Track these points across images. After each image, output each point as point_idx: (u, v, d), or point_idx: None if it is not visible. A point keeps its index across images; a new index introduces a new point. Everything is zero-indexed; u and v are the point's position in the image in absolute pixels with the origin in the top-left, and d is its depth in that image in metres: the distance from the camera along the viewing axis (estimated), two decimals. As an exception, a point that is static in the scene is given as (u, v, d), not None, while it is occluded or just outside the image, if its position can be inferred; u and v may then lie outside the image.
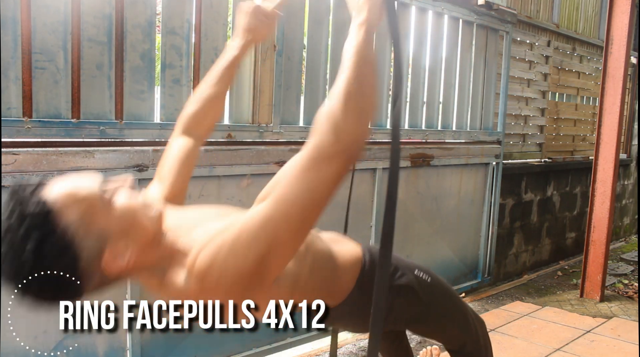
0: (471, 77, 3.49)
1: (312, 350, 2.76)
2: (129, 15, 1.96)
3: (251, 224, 0.93)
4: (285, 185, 0.93)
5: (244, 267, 0.93)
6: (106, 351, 2.00)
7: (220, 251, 0.93)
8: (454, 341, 1.68)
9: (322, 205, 0.95)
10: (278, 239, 0.93)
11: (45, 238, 0.90)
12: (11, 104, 1.74)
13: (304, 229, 0.98)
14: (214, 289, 0.95)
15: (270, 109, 2.42)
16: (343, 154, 0.92)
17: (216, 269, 0.93)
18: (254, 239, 0.92)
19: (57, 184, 0.95)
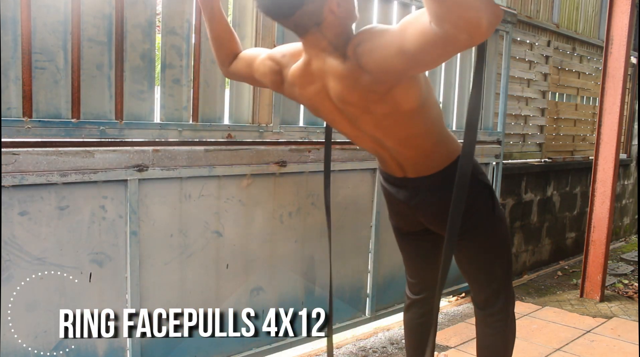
0: (471, 77, 3.48)
1: (312, 350, 2.76)
2: (129, 15, 1.96)
3: (396, 46, 1.20)
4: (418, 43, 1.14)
5: (387, 63, 1.24)
6: (106, 351, 2.00)
7: (374, 48, 1.26)
8: (490, 286, 1.72)
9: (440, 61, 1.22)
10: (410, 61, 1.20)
11: None
12: (11, 104, 1.74)
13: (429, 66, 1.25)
14: (364, 67, 1.29)
15: (270, 109, 2.42)
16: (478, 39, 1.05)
17: (369, 57, 1.26)
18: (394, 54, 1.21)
19: None
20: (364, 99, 1.37)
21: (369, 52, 1.26)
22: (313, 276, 2.66)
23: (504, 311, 1.74)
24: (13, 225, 1.76)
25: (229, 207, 2.29)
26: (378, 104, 1.38)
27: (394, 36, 1.20)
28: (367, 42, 1.27)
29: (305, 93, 1.49)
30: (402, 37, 1.17)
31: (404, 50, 1.17)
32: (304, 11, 1.31)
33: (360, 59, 1.29)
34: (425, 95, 1.42)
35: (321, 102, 1.48)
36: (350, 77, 1.34)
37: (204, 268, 2.24)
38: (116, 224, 1.98)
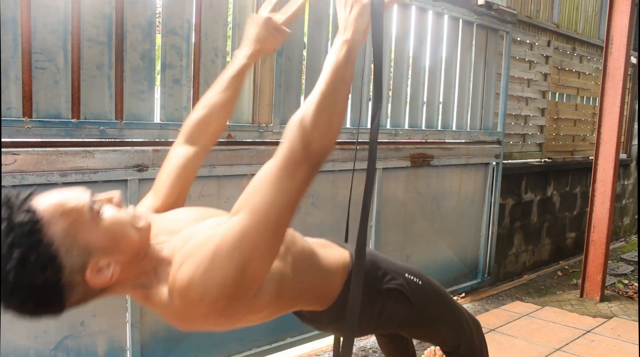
0: (471, 77, 3.49)
1: (312, 350, 2.76)
2: (129, 15, 1.96)
3: (230, 236, 0.95)
4: (259, 193, 0.98)
5: (226, 279, 0.94)
6: (106, 351, 2.00)
7: (199, 266, 0.94)
8: (447, 342, 1.68)
9: (294, 207, 0.99)
10: (257, 246, 0.95)
11: (31, 251, 0.88)
12: (11, 104, 1.74)
13: (280, 232, 1.00)
14: (198, 304, 0.95)
15: (270, 109, 2.42)
16: (311, 161, 0.98)
17: (198, 284, 0.94)
18: (233, 250, 0.94)
19: (47, 194, 0.94)
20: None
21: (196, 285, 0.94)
22: (313, 276, 2.66)
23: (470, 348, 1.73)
24: (13, 225, 1.76)
25: (229, 207, 2.27)
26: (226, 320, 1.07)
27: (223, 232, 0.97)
28: (188, 270, 0.95)
29: None
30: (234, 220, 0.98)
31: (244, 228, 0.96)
32: (73, 302, 0.97)
33: (187, 296, 0.96)
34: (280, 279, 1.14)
35: None
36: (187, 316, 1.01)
37: (204, 268, 2.24)
38: (116, 224, 1.98)
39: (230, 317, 1.04)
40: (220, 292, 0.94)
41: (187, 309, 0.97)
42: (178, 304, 0.97)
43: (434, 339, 1.70)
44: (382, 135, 2.89)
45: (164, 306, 1.01)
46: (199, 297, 0.94)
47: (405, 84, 3.12)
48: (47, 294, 0.92)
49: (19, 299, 0.90)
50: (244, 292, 0.98)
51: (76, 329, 1.92)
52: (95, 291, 0.98)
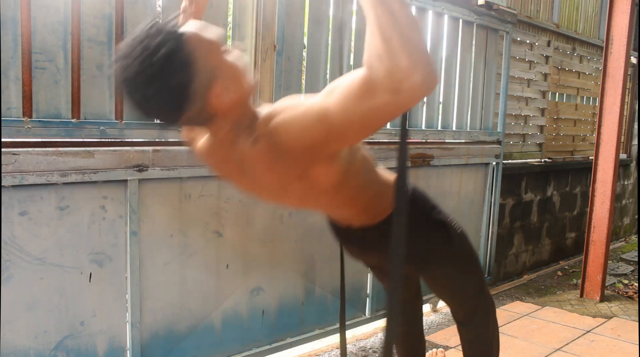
0: (471, 77, 3.49)
1: (312, 350, 2.76)
2: (129, 15, 1.96)
3: (318, 108, 1.04)
4: (342, 98, 0.99)
5: (307, 135, 1.07)
6: (106, 351, 2.00)
7: (291, 119, 1.10)
8: (467, 305, 1.72)
9: (372, 128, 1.03)
10: (337, 129, 1.04)
11: (176, 50, 1.06)
12: (11, 104, 1.74)
13: (354, 137, 1.12)
14: (279, 146, 1.11)
15: (270, 109, 2.42)
16: (393, 91, 0.90)
17: (284, 130, 1.10)
18: (317, 118, 1.04)
19: (191, 21, 1.17)
20: (278, 182, 1.25)
21: (282, 128, 1.10)
22: (313, 276, 2.66)
23: (484, 323, 1.75)
24: (13, 225, 1.76)
25: (229, 207, 2.29)
26: (296, 185, 1.25)
27: (314, 103, 1.05)
28: (280, 117, 1.12)
29: (216, 169, 1.38)
30: (324, 100, 1.03)
31: (326, 115, 1.01)
32: (190, 114, 1.15)
33: (272, 138, 1.12)
34: (349, 161, 1.28)
35: (235, 180, 1.36)
36: (261, 161, 1.18)
37: (204, 268, 2.24)
38: (116, 224, 1.98)
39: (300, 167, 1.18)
40: (299, 140, 1.09)
41: (267, 151, 1.15)
42: (263, 145, 1.15)
43: (457, 295, 1.72)
44: (382, 135, 2.89)
45: (248, 148, 1.18)
46: (280, 139, 1.11)
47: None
48: (177, 94, 1.09)
49: (154, 89, 1.07)
50: (316, 150, 1.13)
51: (76, 329, 1.92)
52: (208, 113, 1.17)
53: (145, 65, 1.05)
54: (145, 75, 1.05)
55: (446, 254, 1.57)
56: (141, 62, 1.05)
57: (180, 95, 1.10)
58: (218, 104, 1.16)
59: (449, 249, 1.57)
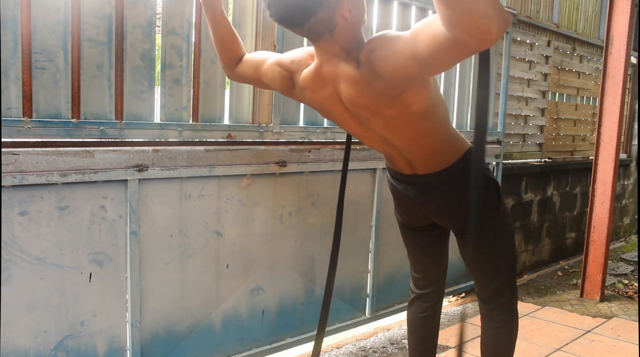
0: (471, 77, 3.49)
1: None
2: (129, 15, 1.96)
3: (407, 52, 1.23)
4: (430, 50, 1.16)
5: (401, 69, 1.28)
6: (106, 351, 2.00)
7: (388, 55, 1.29)
8: (496, 280, 1.75)
9: (452, 63, 1.21)
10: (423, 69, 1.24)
11: None
12: (11, 104, 1.74)
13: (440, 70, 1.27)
14: (378, 72, 1.32)
15: (270, 109, 2.42)
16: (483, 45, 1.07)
17: (383, 63, 1.30)
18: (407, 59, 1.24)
19: None
20: (375, 103, 1.42)
21: (382, 58, 1.30)
22: (313, 276, 2.66)
23: (509, 305, 1.76)
24: (13, 225, 1.76)
25: (229, 207, 2.29)
26: (389, 107, 1.42)
27: (407, 42, 1.23)
28: (380, 49, 1.30)
29: (316, 97, 1.54)
30: (414, 43, 1.20)
31: (416, 55, 1.20)
32: (317, 19, 1.34)
33: (374, 65, 1.32)
34: (434, 96, 1.47)
35: (332, 105, 1.53)
36: (363, 82, 1.37)
37: (204, 268, 2.24)
38: (116, 224, 1.98)
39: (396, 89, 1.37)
40: (395, 71, 1.29)
41: (367, 74, 1.35)
42: (364, 70, 1.35)
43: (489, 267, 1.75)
44: (382, 135, 2.89)
45: (351, 70, 1.39)
46: (380, 67, 1.31)
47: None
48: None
49: None
50: (408, 79, 1.32)
51: (76, 329, 1.92)
52: (331, 24, 1.36)
53: None
54: None
55: (492, 217, 1.66)
56: None
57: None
58: (342, 19, 1.35)
59: (495, 212, 1.67)
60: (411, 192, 1.70)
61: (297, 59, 1.58)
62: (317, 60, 1.47)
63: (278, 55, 1.67)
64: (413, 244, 1.93)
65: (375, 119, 1.48)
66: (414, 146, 1.57)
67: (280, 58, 1.64)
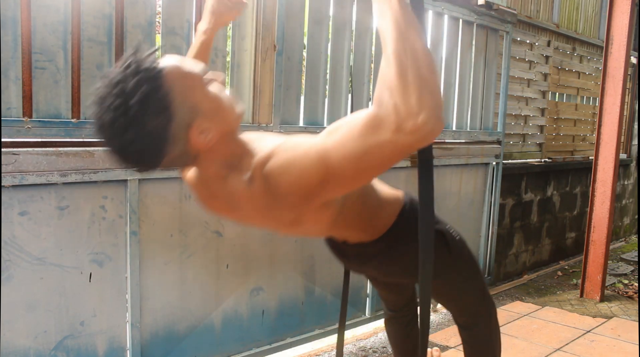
0: (471, 77, 3.49)
1: (312, 350, 2.76)
2: (129, 15, 1.96)
3: (316, 151, 0.99)
4: (344, 136, 0.95)
5: (304, 178, 1.01)
6: (106, 351, 2.00)
7: (286, 159, 1.03)
8: (468, 310, 1.70)
9: (373, 170, 0.97)
10: (338, 174, 0.98)
11: (152, 93, 0.98)
12: (11, 104, 1.74)
13: (355, 181, 1.03)
14: (274, 191, 1.04)
15: (270, 109, 2.42)
16: (407, 138, 0.87)
17: (279, 174, 1.03)
18: (316, 161, 0.98)
19: (169, 56, 1.09)
20: (275, 222, 1.19)
21: (279, 171, 1.03)
22: (313, 276, 2.66)
23: (486, 327, 1.74)
24: (13, 225, 1.76)
25: (229, 207, 2.28)
26: (290, 227, 1.20)
27: (314, 143, 1.00)
28: (277, 159, 1.04)
29: (205, 205, 1.30)
30: (325, 140, 0.98)
31: (326, 155, 0.96)
32: (170, 157, 1.07)
33: (268, 181, 1.04)
34: (345, 198, 1.24)
35: (224, 214, 1.28)
36: (255, 203, 1.10)
37: (204, 268, 2.24)
38: (116, 224, 1.98)
39: (293, 211, 1.11)
40: (295, 189, 1.02)
41: (261, 194, 1.06)
42: (256, 188, 1.06)
43: (458, 302, 1.70)
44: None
45: (240, 189, 1.10)
46: (276, 185, 1.03)
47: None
48: (154, 140, 1.01)
49: (131, 136, 0.99)
50: (314, 196, 1.04)
51: (76, 329, 1.92)
52: (191, 154, 1.09)
53: (120, 112, 0.97)
54: (122, 122, 0.97)
55: (446, 264, 1.52)
56: (116, 108, 0.97)
57: (159, 139, 1.01)
58: (201, 143, 1.06)
59: (448, 259, 1.53)
60: (347, 263, 1.56)
61: None
62: (199, 173, 1.21)
63: None
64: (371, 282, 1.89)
65: (278, 230, 1.26)
66: (335, 232, 1.37)
67: None
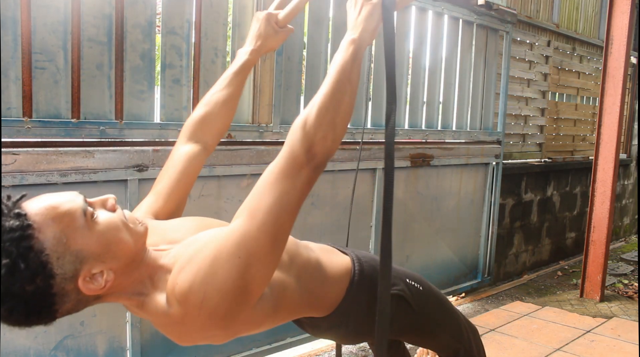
0: (471, 77, 3.49)
1: (312, 350, 2.76)
2: (129, 15, 1.96)
3: (230, 241, 0.93)
4: (258, 196, 0.95)
5: (226, 284, 0.91)
6: (106, 351, 2.00)
7: (199, 270, 0.91)
8: (447, 349, 1.67)
9: (295, 212, 0.97)
10: (257, 251, 0.93)
11: (20, 257, 0.84)
12: (11, 104, 1.74)
13: (280, 237, 0.96)
14: (198, 311, 0.92)
15: (270, 109, 2.42)
16: (313, 164, 0.97)
17: (198, 289, 0.91)
18: (233, 254, 0.91)
19: (39, 198, 0.93)
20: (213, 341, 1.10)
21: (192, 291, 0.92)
22: (313, 276, 2.66)
23: (468, 354, 1.73)
24: (13, 225, 1.76)
25: (229, 207, 2.28)
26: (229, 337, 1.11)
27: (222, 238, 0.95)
28: (186, 275, 0.93)
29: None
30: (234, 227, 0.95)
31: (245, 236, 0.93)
32: (66, 309, 0.93)
33: (185, 304, 0.93)
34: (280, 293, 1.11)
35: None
36: (185, 326, 0.98)
37: (204, 268, 2.24)
38: (116, 224, 1.98)
39: (229, 328, 1.02)
40: (220, 297, 0.91)
41: (185, 317, 0.94)
42: (176, 311, 0.94)
43: (434, 346, 1.67)
44: (382, 135, 2.89)
45: (160, 314, 0.97)
46: (199, 303, 0.91)
47: (405, 83, 3.12)
48: (38, 303, 0.88)
49: (8, 308, 0.86)
50: (245, 299, 0.95)
51: (76, 329, 1.92)
52: (88, 299, 0.94)
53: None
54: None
55: (411, 322, 1.46)
56: None
57: (44, 301, 0.88)
58: (95, 288, 0.92)
59: (412, 318, 1.45)
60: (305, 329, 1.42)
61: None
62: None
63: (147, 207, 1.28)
64: None
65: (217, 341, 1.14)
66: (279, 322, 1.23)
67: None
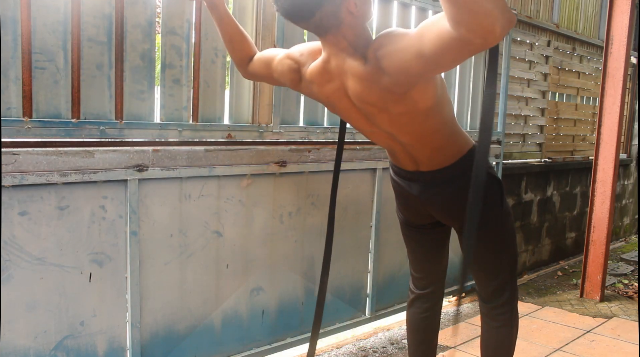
0: (471, 77, 3.49)
1: (312, 350, 2.76)
2: (129, 15, 1.96)
3: (413, 50, 1.27)
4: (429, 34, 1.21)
5: (406, 66, 1.31)
6: (106, 351, 2.00)
7: (394, 53, 1.32)
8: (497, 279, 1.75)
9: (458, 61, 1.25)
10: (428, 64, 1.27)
11: None
12: (11, 104, 1.74)
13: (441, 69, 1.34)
14: (384, 71, 1.35)
15: (270, 109, 2.42)
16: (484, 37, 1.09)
17: (390, 59, 1.33)
18: (413, 57, 1.28)
19: None
20: (382, 99, 1.44)
21: (389, 55, 1.33)
22: (313, 276, 2.66)
23: (509, 304, 1.77)
24: (13, 225, 1.76)
25: (229, 207, 2.29)
26: (395, 104, 1.44)
27: (413, 40, 1.26)
28: (388, 46, 1.34)
29: (323, 91, 1.55)
30: (420, 41, 1.24)
31: (422, 53, 1.23)
32: (323, 13, 1.36)
33: (380, 62, 1.35)
34: (441, 94, 1.50)
35: (339, 100, 1.54)
36: (370, 79, 1.40)
37: (204, 268, 2.24)
38: (116, 224, 1.98)
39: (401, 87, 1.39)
40: (399, 69, 1.33)
41: (373, 72, 1.38)
42: (370, 66, 1.38)
43: (491, 265, 1.74)
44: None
45: (355, 64, 1.42)
46: (385, 66, 1.34)
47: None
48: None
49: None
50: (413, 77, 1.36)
51: (76, 329, 1.92)
52: (336, 21, 1.38)
53: None
54: None
55: (495, 214, 1.65)
56: None
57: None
58: (348, 14, 1.37)
59: (498, 210, 1.66)
60: (414, 189, 1.71)
61: (305, 51, 1.61)
62: (325, 54, 1.49)
63: (289, 49, 1.69)
64: (414, 243, 1.93)
65: (381, 115, 1.50)
66: (419, 143, 1.58)
67: (291, 51, 1.66)
